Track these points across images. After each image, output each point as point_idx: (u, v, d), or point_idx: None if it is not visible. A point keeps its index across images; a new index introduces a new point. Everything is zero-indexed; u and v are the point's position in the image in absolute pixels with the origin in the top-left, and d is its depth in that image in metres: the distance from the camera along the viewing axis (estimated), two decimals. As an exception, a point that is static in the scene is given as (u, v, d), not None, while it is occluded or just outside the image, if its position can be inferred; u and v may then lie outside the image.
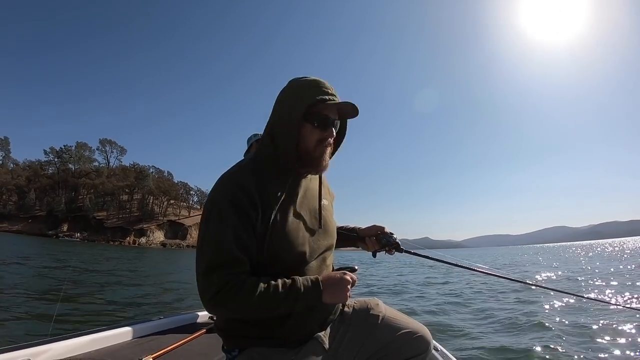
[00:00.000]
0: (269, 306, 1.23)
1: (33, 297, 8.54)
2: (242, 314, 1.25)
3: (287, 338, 1.34)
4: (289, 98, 1.35)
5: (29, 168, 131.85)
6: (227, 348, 1.41)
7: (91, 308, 7.85)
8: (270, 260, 1.29)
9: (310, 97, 1.30)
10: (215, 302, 1.19)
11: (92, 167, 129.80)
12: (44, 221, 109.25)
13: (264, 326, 1.32)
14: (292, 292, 1.24)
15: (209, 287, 1.19)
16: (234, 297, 1.18)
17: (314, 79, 1.36)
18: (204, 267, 1.21)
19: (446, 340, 5.60)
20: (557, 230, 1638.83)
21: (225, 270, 1.20)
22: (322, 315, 1.42)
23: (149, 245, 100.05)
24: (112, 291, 10.76)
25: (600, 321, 6.42)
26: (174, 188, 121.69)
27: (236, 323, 1.35)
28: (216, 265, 1.20)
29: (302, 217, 1.36)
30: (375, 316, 1.54)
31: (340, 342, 1.46)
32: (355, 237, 1.82)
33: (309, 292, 1.26)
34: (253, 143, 4.19)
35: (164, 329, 2.83)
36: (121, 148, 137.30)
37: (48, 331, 5.08)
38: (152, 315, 3.16)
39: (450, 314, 8.10)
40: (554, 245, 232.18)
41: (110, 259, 29.29)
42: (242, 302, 1.19)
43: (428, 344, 1.52)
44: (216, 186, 1.31)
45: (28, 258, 22.22)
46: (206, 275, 1.20)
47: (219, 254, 1.21)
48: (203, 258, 1.22)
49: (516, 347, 5.25)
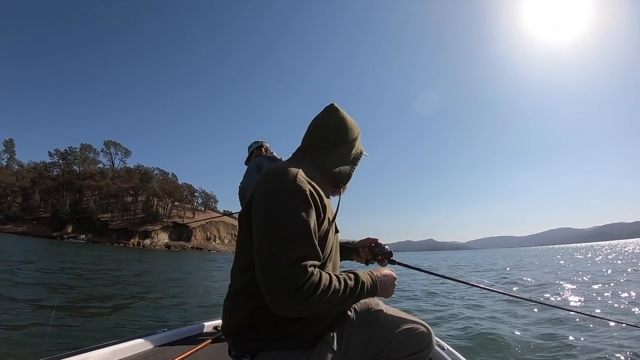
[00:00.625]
0: (342, 299, 1.27)
1: (28, 307, 7.87)
2: (318, 307, 1.22)
3: (298, 339, 1.36)
4: (356, 133, 1.60)
5: (33, 170, 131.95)
6: (235, 354, 1.41)
7: (92, 320, 7.28)
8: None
9: (362, 152, 1.64)
10: (301, 295, 1.15)
11: (96, 169, 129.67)
12: (49, 223, 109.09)
13: (275, 328, 1.33)
14: (358, 286, 1.32)
15: (296, 279, 1.16)
16: (317, 290, 1.18)
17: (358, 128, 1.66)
18: (292, 258, 1.17)
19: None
20: (562, 231, 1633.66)
21: (310, 263, 1.20)
22: (331, 314, 1.45)
23: (153, 247, 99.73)
24: (115, 299, 10.21)
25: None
26: (178, 190, 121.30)
27: (247, 327, 1.36)
28: (304, 257, 1.19)
29: (331, 224, 1.45)
30: (376, 315, 1.59)
31: (347, 344, 1.49)
32: (350, 248, 1.93)
33: (370, 287, 1.37)
34: (254, 151, 4.25)
35: (168, 342, 2.81)
36: (125, 150, 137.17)
37: (43, 347, 4.68)
38: (156, 328, 3.11)
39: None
40: (558, 247, 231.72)
41: (115, 261, 28.81)
42: (323, 295, 1.20)
43: (430, 339, 1.57)
44: (288, 176, 1.30)
45: (35, 261, 21.72)
46: (294, 267, 1.16)
47: (307, 247, 1.21)
48: (290, 248, 1.19)
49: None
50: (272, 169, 1.37)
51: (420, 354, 1.54)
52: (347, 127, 1.57)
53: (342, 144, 1.54)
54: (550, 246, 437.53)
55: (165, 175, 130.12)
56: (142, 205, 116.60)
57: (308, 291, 1.16)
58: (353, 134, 1.58)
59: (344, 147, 1.55)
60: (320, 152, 1.52)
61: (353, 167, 1.59)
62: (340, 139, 1.54)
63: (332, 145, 1.53)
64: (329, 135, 1.54)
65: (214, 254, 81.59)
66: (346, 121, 1.57)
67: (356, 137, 1.60)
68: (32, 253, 29.31)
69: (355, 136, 1.59)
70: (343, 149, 1.55)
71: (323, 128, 1.55)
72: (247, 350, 1.36)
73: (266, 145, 4.37)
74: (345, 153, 1.56)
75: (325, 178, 1.50)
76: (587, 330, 6.11)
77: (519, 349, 5.35)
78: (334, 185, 1.56)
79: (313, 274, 1.18)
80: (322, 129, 1.55)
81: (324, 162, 1.51)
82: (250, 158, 4.36)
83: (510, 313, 8.10)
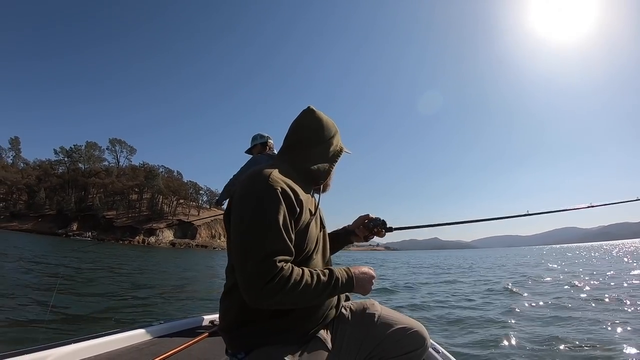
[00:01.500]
0: (315, 293, 1.31)
1: (27, 299, 7.99)
2: (289, 301, 1.26)
3: (291, 334, 1.40)
4: (333, 132, 1.65)
5: (39, 167, 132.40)
6: (231, 352, 1.43)
7: (87, 311, 7.32)
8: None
9: (341, 147, 1.68)
10: (270, 289, 1.20)
11: (101, 167, 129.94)
12: (54, 220, 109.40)
13: (268, 324, 1.37)
14: (332, 281, 1.36)
15: (265, 273, 1.20)
16: (287, 284, 1.22)
17: (335, 125, 1.70)
18: (262, 254, 1.22)
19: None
20: (567, 231, 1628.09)
21: (280, 258, 1.24)
22: (324, 309, 1.49)
23: (158, 244, 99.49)
24: (113, 292, 10.26)
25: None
26: (183, 188, 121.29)
27: (240, 324, 1.39)
28: (273, 253, 1.23)
29: (315, 220, 1.51)
30: (371, 315, 1.62)
31: (341, 342, 1.53)
32: (347, 231, 1.98)
33: (345, 282, 1.40)
34: (257, 145, 4.25)
35: (164, 334, 2.82)
36: (131, 148, 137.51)
37: (40, 336, 4.79)
38: (152, 320, 3.08)
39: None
40: (564, 246, 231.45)
41: (119, 257, 29.11)
42: (293, 289, 1.24)
43: (424, 339, 1.58)
44: (259, 178, 1.35)
45: (45, 256, 21.87)
46: (263, 262, 1.21)
47: (276, 242, 1.25)
48: (259, 245, 1.24)
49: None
50: (250, 172, 1.42)
51: (414, 353, 1.55)
52: (323, 126, 1.62)
53: (318, 143, 1.60)
54: (558, 245, 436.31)
55: (170, 173, 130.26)
56: (147, 202, 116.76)
57: (278, 285, 1.20)
58: (330, 132, 1.63)
59: (321, 145, 1.60)
60: (298, 152, 1.59)
61: (332, 164, 1.64)
62: (316, 138, 1.60)
63: (309, 145, 1.59)
64: (306, 135, 1.60)
65: (218, 251, 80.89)
66: (322, 121, 1.62)
67: (333, 135, 1.64)
68: (48, 250, 29.74)
69: (332, 135, 1.64)
70: (320, 148, 1.60)
71: (300, 129, 1.62)
72: (242, 347, 1.39)
73: (271, 143, 4.33)
74: (323, 151, 1.61)
75: (304, 176, 1.55)
76: (588, 330, 6.05)
77: (517, 348, 5.26)
78: (315, 183, 1.61)
79: (283, 268, 1.23)
80: (299, 130, 1.62)
81: (302, 161, 1.57)
82: (252, 151, 4.33)
83: (507, 312, 7.99)
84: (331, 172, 1.64)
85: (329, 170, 1.61)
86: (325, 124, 1.63)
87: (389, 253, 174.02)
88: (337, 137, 1.67)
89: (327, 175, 1.61)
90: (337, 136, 1.67)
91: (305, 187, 1.52)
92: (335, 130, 1.66)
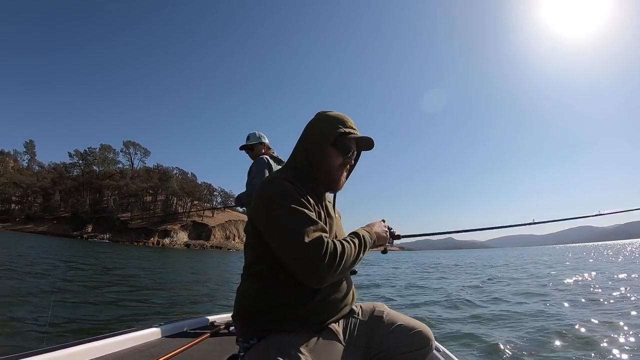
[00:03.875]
0: (356, 255, 1.43)
1: (29, 301, 7.99)
2: (345, 267, 1.36)
3: (304, 323, 1.44)
4: (322, 125, 1.63)
5: (54, 170, 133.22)
6: (243, 338, 1.48)
7: (91, 313, 7.39)
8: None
9: (338, 130, 1.59)
10: (329, 262, 1.28)
11: (116, 169, 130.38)
12: (69, 222, 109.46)
13: (281, 312, 1.43)
14: (362, 239, 1.49)
15: (318, 250, 1.28)
16: (336, 252, 1.31)
17: (340, 115, 1.67)
18: (305, 235, 1.29)
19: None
20: (583, 230, 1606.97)
21: (319, 232, 1.33)
22: (342, 303, 1.57)
23: (173, 245, 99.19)
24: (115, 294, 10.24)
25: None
26: (197, 189, 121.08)
27: (259, 309, 1.45)
28: (312, 230, 1.32)
29: (327, 217, 1.57)
30: (379, 313, 1.68)
31: (351, 337, 1.58)
32: None
33: (370, 236, 1.55)
34: (258, 145, 4.16)
35: (165, 335, 2.85)
36: (145, 150, 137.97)
37: (43, 338, 4.91)
38: (154, 321, 3.04)
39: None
40: (579, 245, 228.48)
41: (134, 258, 29.38)
42: (343, 255, 1.33)
43: (429, 340, 1.62)
44: (273, 184, 1.46)
45: (69, 259, 21.89)
46: (310, 241, 1.29)
47: (311, 222, 1.35)
48: (297, 231, 1.31)
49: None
50: (262, 185, 1.50)
51: (418, 352, 1.60)
52: (321, 124, 1.65)
53: (314, 141, 1.62)
54: (572, 244, 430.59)
55: (184, 175, 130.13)
56: (161, 204, 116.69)
57: (333, 255, 1.30)
58: (326, 128, 1.62)
59: (316, 142, 1.61)
60: (298, 153, 1.64)
61: (324, 150, 1.61)
62: (313, 136, 1.63)
63: (306, 145, 1.64)
64: (304, 137, 1.66)
65: (233, 253, 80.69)
66: (321, 119, 1.66)
67: (332, 129, 1.61)
68: (69, 252, 29.91)
69: (330, 129, 1.62)
70: (315, 145, 1.61)
71: (302, 133, 1.67)
72: (256, 333, 1.43)
73: (267, 144, 4.26)
74: (317, 148, 1.61)
75: (310, 177, 1.59)
76: (587, 330, 6.10)
77: (515, 349, 5.31)
78: (326, 186, 1.64)
79: (327, 241, 1.31)
80: (302, 134, 1.67)
81: (303, 162, 1.61)
82: (253, 149, 4.19)
83: (504, 311, 8.18)
84: (327, 163, 1.61)
85: (319, 158, 1.60)
86: (323, 120, 1.64)
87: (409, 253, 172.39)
88: (329, 124, 1.62)
89: (319, 165, 1.60)
90: (329, 123, 1.62)
91: (314, 189, 1.57)
92: (327, 119, 1.65)
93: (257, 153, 4.14)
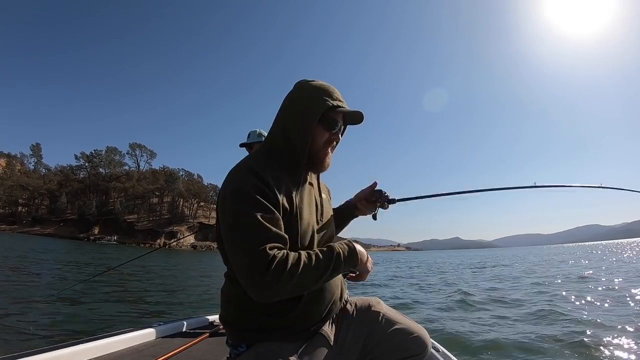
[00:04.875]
0: (318, 273, 1.24)
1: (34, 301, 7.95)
2: (293, 286, 1.19)
3: (294, 330, 1.36)
4: (305, 100, 1.43)
5: (60, 173, 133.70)
6: (232, 343, 1.40)
7: (95, 312, 7.40)
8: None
9: (326, 103, 1.41)
10: (269, 279, 1.14)
11: (122, 171, 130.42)
12: (76, 224, 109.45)
13: (269, 319, 1.34)
14: (333, 256, 1.28)
15: (259, 264, 1.14)
16: (284, 269, 1.16)
17: (325, 85, 1.47)
18: (251, 246, 1.17)
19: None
20: (590, 228, 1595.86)
21: (271, 245, 1.18)
22: (326, 303, 1.44)
23: (179, 247, 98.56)
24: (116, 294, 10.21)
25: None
26: (204, 190, 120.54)
27: (245, 314, 1.35)
28: (262, 242, 1.18)
29: (308, 208, 1.42)
30: (376, 313, 1.58)
31: (344, 339, 1.50)
32: (349, 206, 1.87)
33: (347, 255, 1.32)
34: (257, 143, 3.99)
35: (164, 335, 2.84)
36: (151, 152, 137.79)
37: (43, 339, 5.06)
38: (152, 321, 3.01)
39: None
40: (587, 244, 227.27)
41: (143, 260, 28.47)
42: (293, 273, 1.17)
43: (426, 345, 1.55)
44: (234, 177, 1.32)
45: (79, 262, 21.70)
46: (255, 253, 1.16)
47: (262, 232, 1.20)
48: (244, 240, 1.19)
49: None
50: (226, 177, 1.35)
51: (415, 357, 1.52)
52: (297, 94, 1.49)
53: (290, 114, 1.47)
54: (582, 243, 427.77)
55: (190, 176, 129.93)
56: (167, 206, 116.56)
57: (276, 272, 1.14)
58: (304, 98, 1.46)
59: (293, 115, 1.46)
60: (275, 131, 1.49)
61: (308, 131, 1.43)
62: (289, 109, 1.48)
63: (281, 120, 1.49)
64: (281, 112, 1.50)
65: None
66: (297, 90, 1.50)
67: (311, 99, 1.45)
68: (77, 253, 30.15)
69: (308, 99, 1.46)
70: (292, 118, 1.46)
71: (284, 112, 1.49)
72: (244, 340, 1.36)
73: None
74: (296, 121, 1.44)
75: (286, 156, 1.44)
76: (586, 329, 5.94)
77: (514, 349, 5.21)
78: (310, 170, 1.50)
79: (276, 256, 1.16)
80: (283, 113, 1.49)
81: (278, 139, 1.46)
82: (252, 147, 3.98)
83: (502, 311, 8.02)
84: (313, 141, 1.43)
85: (302, 134, 1.41)
86: (307, 91, 1.46)
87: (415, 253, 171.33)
88: (315, 97, 1.44)
89: (302, 143, 1.42)
90: (315, 96, 1.44)
91: (294, 172, 1.43)
92: (312, 91, 1.45)
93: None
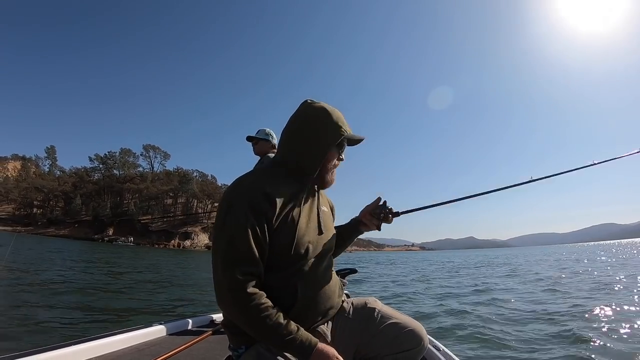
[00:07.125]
0: (264, 331, 1.26)
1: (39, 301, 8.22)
2: (242, 319, 1.26)
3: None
4: (322, 126, 1.49)
5: (75, 175, 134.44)
6: (233, 346, 1.44)
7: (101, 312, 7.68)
8: (277, 253, 1.35)
9: (341, 131, 1.49)
10: (229, 298, 1.23)
11: (136, 172, 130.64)
12: (90, 226, 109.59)
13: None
14: (288, 337, 1.26)
15: (226, 281, 1.23)
16: (246, 303, 1.22)
17: (336, 111, 1.54)
18: (221, 262, 1.25)
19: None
20: (606, 227, 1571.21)
21: (242, 267, 1.24)
22: (325, 306, 1.49)
23: (194, 248, 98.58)
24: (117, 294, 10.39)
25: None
26: (217, 191, 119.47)
27: None
28: (233, 261, 1.24)
29: (308, 221, 1.46)
30: (371, 311, 1.61)
31: (341, 336, 1.54)
32: (356, 222, 1.88)
33: (301, 345, 1.28)
34: (264, 142, 3.98)
35: (167, 334, 2.86)
36: (164, 153, 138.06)
37: (45, 338, 5.17)
38: (155, 320, 3.04)
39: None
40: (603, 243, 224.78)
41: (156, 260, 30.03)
42: (249, 312, 1.23)
43: (421, 339, 1.56)
44: (234, 187, 1.38)
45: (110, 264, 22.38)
46: (225, 269, 1.24)
47: (236, 250, 1.25)
48: (220, 253, 1.27)
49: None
50: (230, 185, 1.42)
51: (411, 352, 1.54)
52: (310, 114, 1.53)
53: (303, 132, 1.51)
54: (597, 242, 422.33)
55: (204, 177, 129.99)
56: (181, 207, 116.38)
57: (238, 297, 1.22)
58: (318, 120, 1.51)
59: (307, 135, 1.50)
60: (284, 145, 1.54)
61: (322, 153, 1.49)
62: (302, 128, 1.52)
63: (292, 136, 1.53)
64: (291, 127, 1.54)
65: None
66: (310, 110, 1.54)
67: (324, 123, 1.50)
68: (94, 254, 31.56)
69: (321, 122, 1.51)
70: (305, 137, 1.50)
71: (288, 122, 1.56)
72: (244, 341, 1.39)
73: (275, 144, 4.02)
74: (309, 141, 1.49)
75: (293, 171, 1.49)
76: (586, 328, 6.05)
77: (513, 348, 5.24)
78: (313, 180, 1.54)
79: (245, 283, 1.23)
80: (287, 124, 1.56)
81: (287, 155, 1.52)
82: (257, 143, 4.01)
83: (502, 311, 8.19)
84: (325, 164, 1.51)
85: (316, 159, 1.48)
86: (313, 111, 1.52)
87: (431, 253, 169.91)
88: (333, 125, 1.50)
89: (314, 166, 1.49)
90: (333, 124, 1.50)
91: (296, 185, 1.47)
92: (329, 119, 1.51)
93: (261, 149, 3.99)
